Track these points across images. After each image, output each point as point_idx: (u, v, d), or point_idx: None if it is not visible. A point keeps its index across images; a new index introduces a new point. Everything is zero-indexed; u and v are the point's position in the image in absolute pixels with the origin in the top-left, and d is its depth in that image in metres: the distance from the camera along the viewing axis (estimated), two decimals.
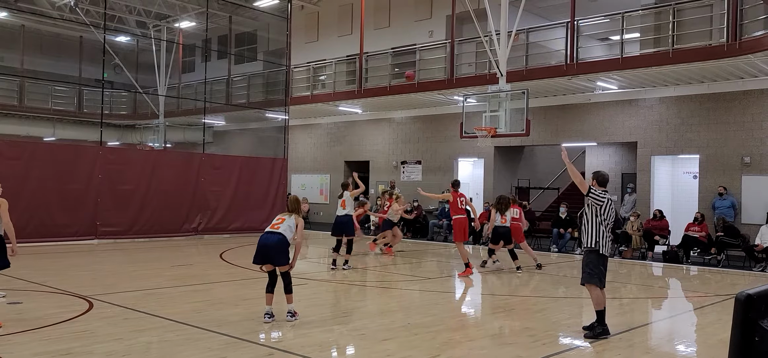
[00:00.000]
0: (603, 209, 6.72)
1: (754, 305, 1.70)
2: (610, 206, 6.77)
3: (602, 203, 6.71)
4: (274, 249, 6.88)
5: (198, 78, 24.07)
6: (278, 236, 6.91)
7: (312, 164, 25.57)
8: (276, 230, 6.98)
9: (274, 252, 6.88)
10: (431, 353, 5.88)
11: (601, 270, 6.73)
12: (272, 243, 6.88)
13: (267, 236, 6.96)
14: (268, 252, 6.90)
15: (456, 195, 11.56)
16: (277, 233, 6.94)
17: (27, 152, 15.23)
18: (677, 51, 14.22)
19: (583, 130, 18.22)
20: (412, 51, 19.68)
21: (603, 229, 6.69)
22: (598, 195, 6.76)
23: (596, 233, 6.67)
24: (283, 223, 7.06)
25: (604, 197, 6.78)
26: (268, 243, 6.91)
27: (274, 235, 6.92)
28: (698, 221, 14.68)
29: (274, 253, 6.89)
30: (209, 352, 5.72)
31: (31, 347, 5.91)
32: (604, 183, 6.95)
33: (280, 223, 7.08)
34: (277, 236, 6.91)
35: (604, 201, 6.75)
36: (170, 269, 11.43)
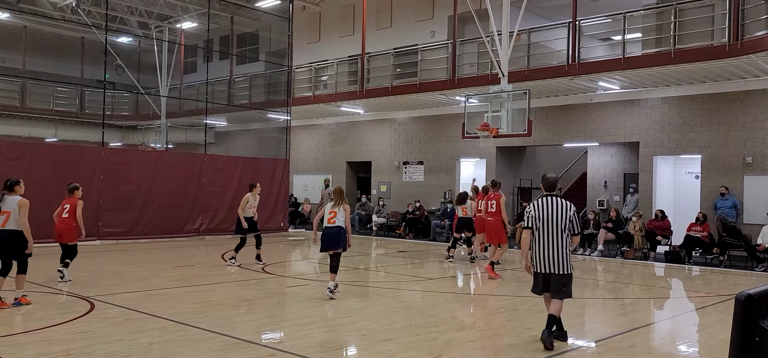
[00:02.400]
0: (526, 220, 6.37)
1: (755, 305, 1.70)
2: (529, 215, 6.32)
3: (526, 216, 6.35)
4: (336, 238, 8.71)
5: (200, 79, 24.08)
6: (338, 228, 8.72)
7: (314, 165, 25.58)
8: (333, 223, 8.73)
9: (337, 241, 8.72)
10: (433, 353, 5.88)
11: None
12: (334, 234, 8.71)
13: (329, 229, 8.76)
14: (332, 241, 8.72)
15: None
16: (336, 226, 8.73)
17: (28, 153, 15.26)
18: (679, 51, 14.20)
19: (585, 131, 18.20)
20: (414, 51, 19.68)
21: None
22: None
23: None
24: (336, 216, 8.73)
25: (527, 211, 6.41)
26: (331, 234, 8.73)
27: (334, 227, 8.73)
28: (700, 221, 14.65)
29: (337, 241, 8.73)
30: (210, 353, 5.72)
31: (33, 347, 5.92)
32: (548, 188, 6.43)
33: (333, 216, 8.75)
34: (337, 228, 8.72)
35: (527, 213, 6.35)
36: (172, 270, 11.44)
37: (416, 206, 20.05)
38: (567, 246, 6.12)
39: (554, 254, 6.10)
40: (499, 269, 11.76)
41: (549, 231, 6.11)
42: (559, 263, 6.12)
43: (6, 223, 7.43)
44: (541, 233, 6.14)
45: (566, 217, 6.11)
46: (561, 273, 6.13)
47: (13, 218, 7.46)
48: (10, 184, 7.65)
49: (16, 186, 7.64)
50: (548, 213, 6.14)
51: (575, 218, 6.15)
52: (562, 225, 6.10)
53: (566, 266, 6.15)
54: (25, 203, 7.49)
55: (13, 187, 7.63)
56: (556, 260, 6.11)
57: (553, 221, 6.11)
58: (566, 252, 6.11)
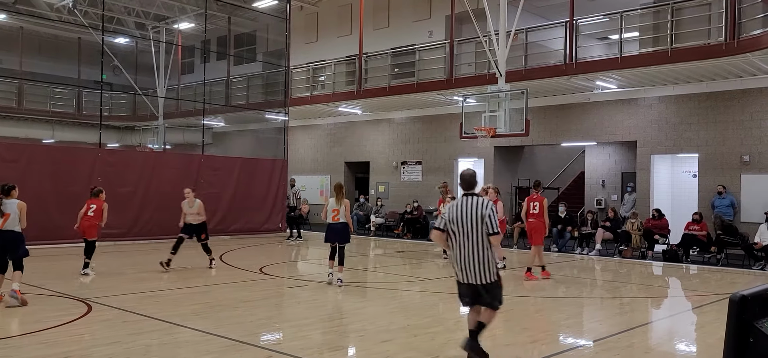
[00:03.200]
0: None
1: (749, 306, 1.70)
2: (442, 217, 5.64)
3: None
4: (341, 233, 9.71)
5: (197, 79, 24.07)
6: (343, 224, 9.72)
7: (312, 165, 25.57)
8: (338, 220, 9.70)
9: (343, 235, 9.73)
10: (430, 354, 5.88)
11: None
12: (340, 229, 9.70)
13: (334, 226, 9.75)
14: (338, 235, 9.72)
15: (530, 199, 11.28)
16: (341, 223, 9.70)
17: (26, 154, 15.23)
18: (676, 50, 14.22)
19: (583, 130, 18.22)
20: (412, 51, 19.68)
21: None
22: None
23: None
24: (339, 213, 9.67)
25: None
26: (337, 229, 9.72)
27: (339, 224, 9.71)
28: (697, 220, 14.67)
29: (342, 236, 9.71)
30: (208, 355, 5.72)
31: (30, 350, 5.91)
32: (466, 186, 5.60)
33: (337, 213, 9.68)
34: (342, 224, 9.72)
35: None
36: (170, 272, 11.42)
37: (414, 206, 20.05)
38: (488, 250, 5.31)
39: (476, 262, 5.31)
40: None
41: (468, 235, 5.32)
42: (483, 272, 5.32)
43: (4, 224, 7.84)
44: (459, 238, 5.36)
45: (480, 216, 5.27)
46: (486, 282, 5.34)
47: (12, 219, 7.86)
48: (8, 188, 8.07)
49: (12, 191, 8.09)
50: (465, 215, 5.34)
51: (492, 215, 5.31)
52: (480, 228, 5.28)
53: (490, 272, 5.34)
54: (24, 205, 8.03)
55: (10, 191, 8.07)
56: (480, 268, 5.31)
57: (471, 223, 5.30)
58: (488, 257, 5.32)
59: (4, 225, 7.82)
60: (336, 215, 9.75)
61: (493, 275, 5.35)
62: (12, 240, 7.88)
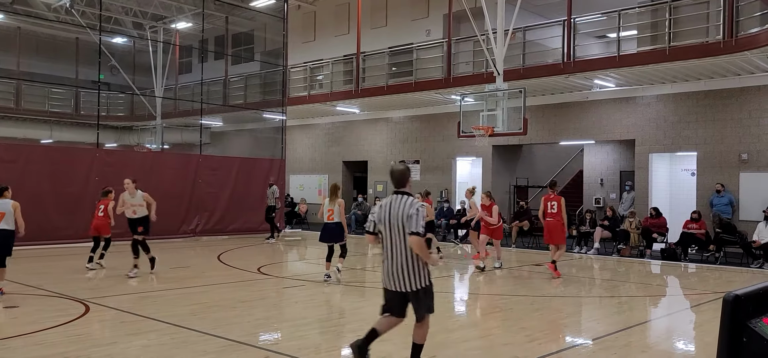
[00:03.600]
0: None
1: (742, 305, 1.70)
2: (371, 218, 5.14)
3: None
4: (334, 233, 9.90)
5: (195, 79, 24.04)
6: (336, 223, 9.88)
7: (310, 165, 25.55)
8: (332, 220, 9.88)
9: (335, 235, 9.90)
10: (427, 353, 5.86)
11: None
12: (333, 229, 9.90)
13: (329, 225, 9.95)
14: (332, 235, 9.94)
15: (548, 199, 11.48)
16: (334, 222, 9.88)
17: (23, 155, 15.21)
18: (674, 48, 14.22)
19: (581, 129, 18.22)
20: (410, 50, 19.66)
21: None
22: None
23: None
24: (333, 213, 9.86)
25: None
26: (331, 229, 9.95)
27: (333, 223, 9.89)
28: (696, 218, 14.67)
29: (336, 235, 9.90)
30: (205, 355, 5.71)
31: (27, 351, 5.90)
32: (395, 183, 5.03)
33: (331, 213, 9.89)
34: (336, 223, 9.88)
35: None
36: (167, 272, 11.40)
37: None
38: (414, 254, 4.76)
39: (403, 266, 4.78)
40: (488, 269, 11.75)
41: (395, 237, 4.80)
42: (411, 277, 4.79)
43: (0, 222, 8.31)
44: (386, 240, 4.86)
45: (406, 216, 4.72)
46: (416, 289, 4.82)
47: (6, 218, 8.30)
48: (0, 189, 8.53)
49: (5, 191, 8.55)
50: (392, 215, 4.81)
51: (416, 215, 4.70)
52: (406, 229, 4.74)
53: (419, 277, 4.81)
54: (18, 204, 8.47)
55: (3, 192, 8.52)
56: (408, 273, 4.79)
57: (398, 224, 4.76)
58: (417, 261, 4.77)
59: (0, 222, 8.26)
60: (331, 214, 9.99)
61: (423, 280, 4.81)
62: (5, 238, 8.31)
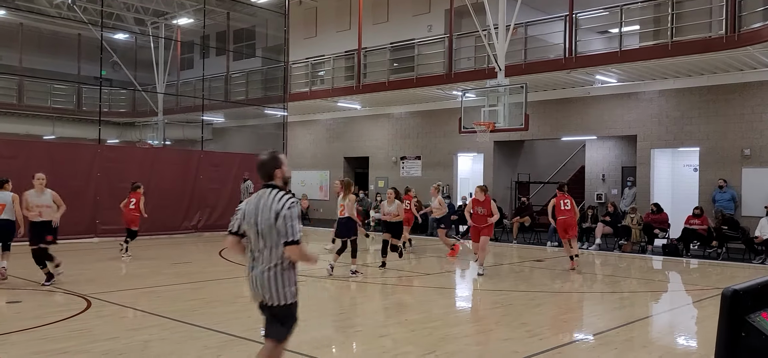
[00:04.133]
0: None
1: (741, 300, 1.69)
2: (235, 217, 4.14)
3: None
4: (345, 227, 10.28)
5: (196, 75, 24.04)
6: (347, 218, 10.26)
7: (311, 161, 25.55)
8: (343, 215, 10.29)
9: (349, 230, 10.26)
10: (427, 348, 5.88)
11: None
12: (344, 223, 10.27)
13: (340, 220, 10.35)
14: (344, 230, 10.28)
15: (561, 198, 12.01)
16: (345, 217, 10.27)
17: (25, 151, 15.23)
18: (676, 43, 14.17)
19: (583, 124, 18.18)
20: (411, 46, 19.63)
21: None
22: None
23: None
24: (344, 209, 10.25)
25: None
26: (341, 224, 10.33)
27: (344, 218, 10.28)
28: (698, 214, 14.65)
29: (349, 230, 10.26)
30: (206, 350, 5.72)
31: (29, 345, 5.91)
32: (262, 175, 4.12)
33: (342, 209, 10.30)
34: (346, 218, 10.26)
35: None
36: (169, 267, 11.43)
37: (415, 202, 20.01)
38: (282, 261, 3.93)
39: (264, 274, 3.92)
40: (490, 265, 11.72)
41: (260, 240, 3.94)
42: (271, 288, 3.93)
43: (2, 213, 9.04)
44: (251, 242, 4.01)
45: (275, 215, 3.87)
46: (274, 304, 3.96)
47: (7, 209, 9.02)
48: (1, 182, 9.17)
49: (5, 184, 9.18)
50: (258, 213, 3.95)
51: (289, 216, 3.87)
52: (274, 230, 3.89)
53: (281, 292, 3.95)
54: (17, 196, 9.10)
55: (3, 185, 9.15)
56: (270, 283, 3.92)
57: (264, 224, 3.90)
58: (281, 271, 3.93)
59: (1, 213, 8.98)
60: (342, 210, 10.37)
61: (286, 296, 3.95)
62: (6, 227, 9.03)
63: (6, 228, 9.09)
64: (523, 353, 5.71)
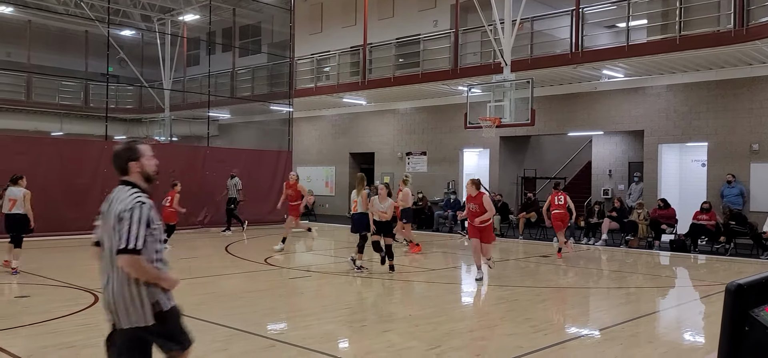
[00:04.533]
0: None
1: (745, 295, 1.68)
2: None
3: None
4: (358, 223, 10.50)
5: (202, 71, 24.10)
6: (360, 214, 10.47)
7: (317, 157, 25.57)
8: (357, 210, 10.53)
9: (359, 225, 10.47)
10: (432, 344, 5.88)
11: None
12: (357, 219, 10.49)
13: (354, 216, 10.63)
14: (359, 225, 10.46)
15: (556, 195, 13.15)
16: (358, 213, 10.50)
17: (33, 147, 15.33)
18: (684, 37, 14.07)
19: (590, 119, 18.10)
20: (417, 41, 19.59)
21: None
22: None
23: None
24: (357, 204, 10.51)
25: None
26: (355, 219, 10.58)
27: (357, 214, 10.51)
28: (706, 209, 14.56)
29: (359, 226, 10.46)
30: (213, 344, 5.74)
31: (37, 339, 5.96)
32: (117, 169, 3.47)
33: (356, 205, 10.54)
34: (360, 214, 10.47)
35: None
36: (175, 262, 11.44)
37: (419, 197, 20.02)
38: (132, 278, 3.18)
39: (111, 288, 3.22)
40: (496, 260, 11.70)
41: (107, 249, 3.27)
42: (118, 305, 3.20)
43: (13, 207, 9.51)
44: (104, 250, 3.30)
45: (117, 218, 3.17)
46: (123, 327, 3.21)
47: (18, 204, 9.46)
48: (15, 178, 9.69)
49: (19, 180, 9.65)
50: (105, 217, 3.31)
51: (128, 220, 3.14)
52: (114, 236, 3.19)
53: (130, 309, 3.19)
54: (29, 193, 9.60)
55: (17, 181, 9.64)
56: (114, 297, 3.20)
57: (106, 228, 3.27)
58: (130, 284, 3.19)
59: (12, 209, 9.48)
60: (355, 205, 10.52)
61: (136, 317, 3.18)
62: (18, 221, 9.49)
63: (16, 222, 9.51)
64: (528, 349, 5.70)
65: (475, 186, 9.66)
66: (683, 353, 5.85)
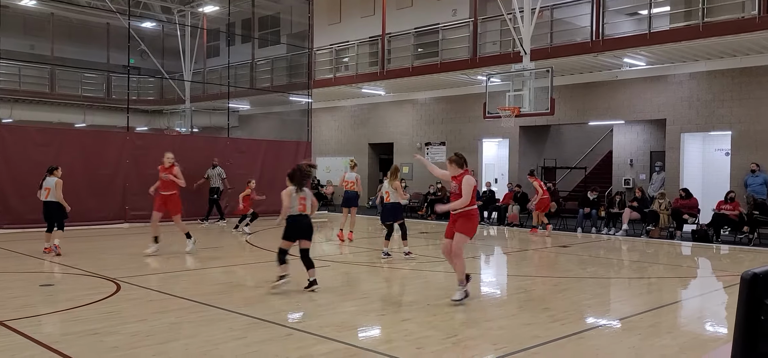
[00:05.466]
0: None
1: (760, 283, 1.66)
2: None
3: None
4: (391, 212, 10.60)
5: (222, 63, 24.28)
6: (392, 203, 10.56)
7: (336, 147, 25.64)
8: (389, 200, 10.59)
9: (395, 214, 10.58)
10: (449, 333, 5.89)
11: None
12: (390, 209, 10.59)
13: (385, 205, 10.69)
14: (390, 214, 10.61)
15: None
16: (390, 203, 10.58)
17: (57, 139, 15.60)
18: (708, 24, 13.81)
19: (611, 108, 17.88)
20: (435, 31, 19.49)
21: None
22: None
23: None
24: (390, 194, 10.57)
25: None
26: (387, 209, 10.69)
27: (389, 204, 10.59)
28: (731, 198, 14.32)
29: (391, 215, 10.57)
30: (231, 332, 5.82)
31: (61, 327, 6.10)
32: None
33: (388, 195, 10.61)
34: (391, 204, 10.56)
35: None
36: (196, 252, 11.62)
37: (438, 188, 19.99)
38: None
39: None
40: (515, 251, 11.60)
41: None
42: None
43: (48, 196, 10.34)
44: None
45: None
46: None
47: (52, 193, 10.33)
48: (51, 169, 10.55)
49: (55, 171, 10.52)
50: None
51: None
52: None
53: None
54: (60, 182, 10.44)
55: (53, 171, 10.50)
56: None
57: None
58: None
59: (48, 197, 10.33)
60: (388, 196, 10.61)
61: None
62: (52, 208, 10.37)
63: (51, 210, 10.41)
64: (545, 338, 5.68)
65: (458, 164, 7.39)
66: (703, 343, 5.78)
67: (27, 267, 9.53)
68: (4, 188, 14.47)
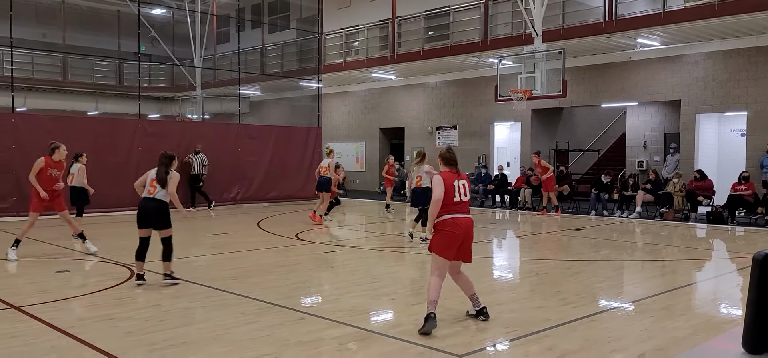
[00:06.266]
0: None
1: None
2: None
3: None
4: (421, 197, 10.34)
5: (232, 49, 24.27)
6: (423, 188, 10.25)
7: (347, 132, 25.62)
8: (420, 185, 10.44)
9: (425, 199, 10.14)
10: (460, 318, 5.90)
11: None
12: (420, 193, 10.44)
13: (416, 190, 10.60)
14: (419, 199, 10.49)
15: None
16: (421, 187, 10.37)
17: (69, 126, 15.71)
18: (723, 3, 13.57)
19: (624, 90, 17.68)
20: (446, 13, 19.33)
21: None
22: None
23: None
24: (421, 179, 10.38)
25: None
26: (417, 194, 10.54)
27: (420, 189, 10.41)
28: (745, 179, 14.14)
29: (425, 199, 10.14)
30: (243, 316, 5.86)
31: (76, 312, 6.18)
32: None
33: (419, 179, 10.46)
34: (422, 189, 10.32)
35: None
36: (208, 238, 11.70)
37: None
38: None
39: None
40: (528, 234, 11.56)
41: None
42: None
43: (73, 181, 10.99)
44: None
45: None
46: None
47: (76, 178, 10.99)
48: (76, 155, 11.17)
49: (80, 157, 11.19)
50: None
51: None
52: None
53: None
54: (83, 168, 11.12)
55: (78, 158, 11.16)
56: None
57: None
58: None
59: (72, 182, 10.93)
60: (418, 181, 10.62)
61: None
62: (76, 193, 11.04)
63: (75, 194, 11.04)
64: (556, 321, 5.67)
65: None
66: (717, 325, 5.73)
67: (43, 253, 9.65)
68: (18, 176, 14.63)
